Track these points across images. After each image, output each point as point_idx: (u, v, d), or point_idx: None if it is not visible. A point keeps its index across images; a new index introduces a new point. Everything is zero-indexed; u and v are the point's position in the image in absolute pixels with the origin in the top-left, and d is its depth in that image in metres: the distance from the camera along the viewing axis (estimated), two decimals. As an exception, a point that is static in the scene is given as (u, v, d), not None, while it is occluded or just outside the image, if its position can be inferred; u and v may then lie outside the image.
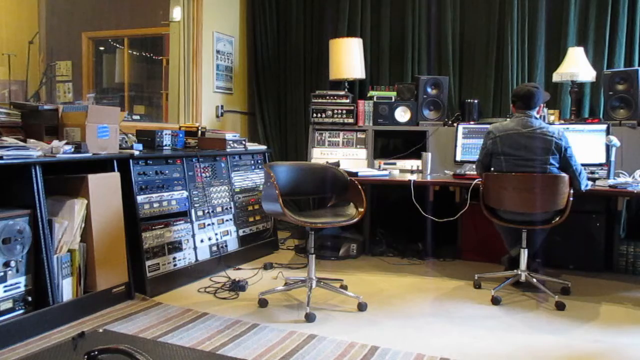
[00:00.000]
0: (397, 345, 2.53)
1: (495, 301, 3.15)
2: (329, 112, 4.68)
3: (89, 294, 2.89)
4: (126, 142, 3.49)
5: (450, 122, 4.43)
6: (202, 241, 3.62)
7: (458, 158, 4.07)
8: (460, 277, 3.69)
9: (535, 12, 4.48)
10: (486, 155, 3.30)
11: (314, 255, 3.11)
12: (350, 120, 4.65)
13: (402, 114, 4.59)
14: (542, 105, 3.42)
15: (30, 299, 2.60)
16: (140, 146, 3.50)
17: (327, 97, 4.72)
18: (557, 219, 3.13)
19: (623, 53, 4.21)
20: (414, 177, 3.82)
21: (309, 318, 2.84)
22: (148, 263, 3.20)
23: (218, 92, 5.03)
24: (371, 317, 2.94)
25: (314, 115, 4.71)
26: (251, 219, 4.16)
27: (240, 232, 4.01)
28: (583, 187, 3.14)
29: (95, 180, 2.92)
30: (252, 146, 4.39)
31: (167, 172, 3.46)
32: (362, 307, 3.02)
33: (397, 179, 3.87)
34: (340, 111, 4.68)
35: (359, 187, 3.21)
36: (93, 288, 2.91)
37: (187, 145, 4.00)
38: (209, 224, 3.71)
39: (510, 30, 4.50)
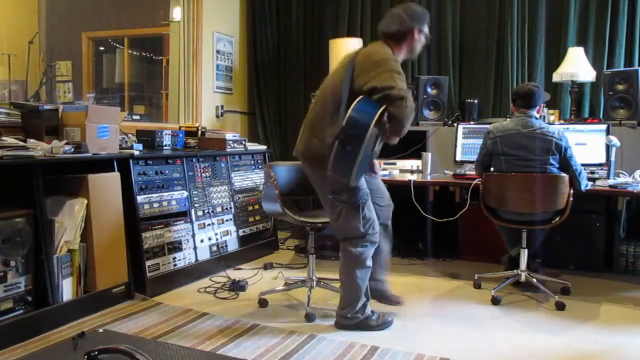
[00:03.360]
0: (397, 345, 2.53)
1: (495, 301, 3.15)
2: (329, 112, 4.67)
3: (89, 294, 2.89)
4: (126, 142, 3.49)
5: (450, 122, 4.43)
6: (202, 241, 3.62)
7: (458, 158, 4.06)
8: (460, 277, 3.69)
9: (535, 12, 4.48)
10: (486, 155, 3.30)
11: (314, 255, 3.11)
12: (350, 120, 4.63)
13: (402, 114, 4.57)
14: (542, 105, 3.41)
15: (30, 299, 2.60)
16: (140, 146, 3.50)
17: (327, 97, 4.71)
18: (557, 219, 3.13)
19: (623, 53, 4.21)
20: (414, 177, 3.82)
21: (309, 318, 2.84)
22: (148, 263, 3.20)
23: (218, 92, 5.03)
24: (371, 317, 2.93)
25: (314, 115, 4.70)
26: (251, 219, 4.16)
27: (240, 232, 4.01)
28: (583, 187, 3.14)
29: (95, 180, 2.93)
30: (252, 146, 4.39)
31: (167, 172, 3.46)
32: (362, 307, 3.02)
33: (397, 179, 3.87)
34: (340, 111, 4.66)
35: (359, 187, 3.20)
36: (93, 288, 2.91)
37: (187, 145, 4.00)
38: (209, 224, 3.71)
39: (510, 30, 4.50)
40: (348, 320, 2.71)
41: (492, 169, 3.30)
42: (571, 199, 3.07)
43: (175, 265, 3.39)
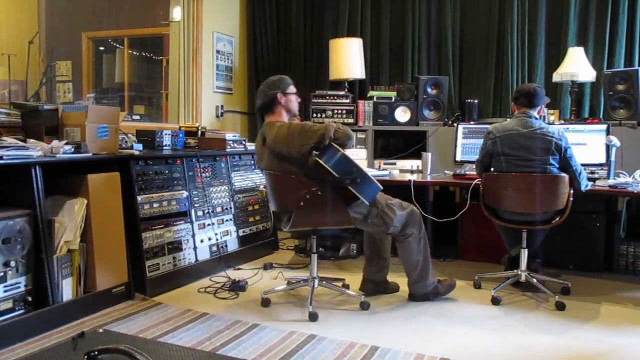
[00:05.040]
0: (397, 345, 2.53)
1: (495, 301, 3.15)
2: (329, 112, 4.69)
3: (89, 294, 2.89)
4: (126, 142, 3.49)
5: (450, 122, 4.43)
6: (202, 241, 3.62)
7: (458, 158, 4.06)
8: (460, 277, 3.68)
9: (535, 12, 4.48)
10: (486, 155, 3.30)
11: (316, 255, 3.12)
12: (350, 120, 4.65)
13: (402, 114, 4.59)
14: (542, 105, 3.41)
15: (30, 299, 2.60)
16: (140, 146, 3.50)
17: (327, 97, 4.72)
18: (557, 219, 3.13)
19: (623, 53, 4.21)
20: (414, 177, 3.82)
21: (312, 317, 2.84)
22: (148, 263, 3.20)
23: (218, 92, 5.03)
24: (372, 316, 2.94)
25: (314, 115, 4.71)
26: (251, 219, 4.16)
27: (240, 232, 4.01)
28: (583, 188, 3.14)
29: (95, 180, 2.93)
30: (252, 146, 4.39)
31: (167, 172, 3.46)
32: (364, 306, 3.02)
33: (397, 179, 3.87)
34: (340, 111, 4.68)
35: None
36: (93, 288, 2.91)
37: (187, 145, 4.00)
38: (209, 224, 3.71)
39: (510, 30, 4.50)
40: (426, 288, 3.13)
41: (492, 169, 3.30)
42: (571, 199, 3.07)
43: (175, 265, 3.39)
